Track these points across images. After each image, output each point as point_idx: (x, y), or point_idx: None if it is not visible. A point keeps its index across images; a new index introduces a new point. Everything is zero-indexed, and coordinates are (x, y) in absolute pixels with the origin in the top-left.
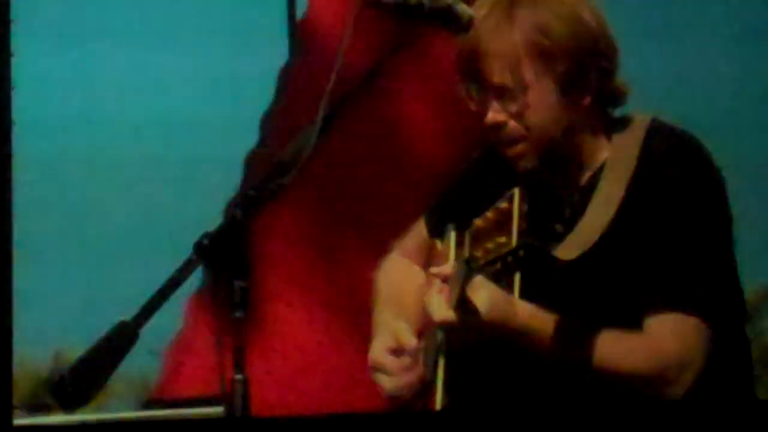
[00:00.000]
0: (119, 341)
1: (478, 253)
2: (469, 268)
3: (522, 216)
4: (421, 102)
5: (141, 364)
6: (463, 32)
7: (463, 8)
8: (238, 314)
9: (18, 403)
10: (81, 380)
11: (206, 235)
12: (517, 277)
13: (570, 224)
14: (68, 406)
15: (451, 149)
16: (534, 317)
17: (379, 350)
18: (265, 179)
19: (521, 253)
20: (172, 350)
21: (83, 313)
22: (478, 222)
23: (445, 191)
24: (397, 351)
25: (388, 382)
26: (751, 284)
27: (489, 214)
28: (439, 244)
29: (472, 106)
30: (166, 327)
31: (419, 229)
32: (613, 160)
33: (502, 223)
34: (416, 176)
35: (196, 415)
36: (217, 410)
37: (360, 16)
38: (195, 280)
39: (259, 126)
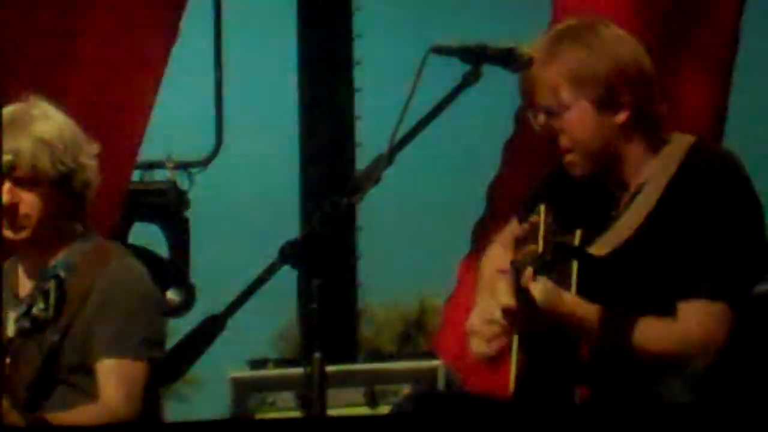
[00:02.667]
0: (209, 330)
1: (519, 257)
2: (516, 269)
3: (548, 227)
4: None
5: None
6: (526, 70)
7: (522, 49)
8: (314, 306)
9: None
10: (176, 360)
11: (289, 242)
12: (575, 272)
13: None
14: (164, 382)
15: None
16: (579, 306)
17: (475, 319)
18: (339, 198)
19: (548, 257)
20: (448, 306)
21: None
22: (518, 231)
23: (531, 191)
24: (490, 321)
25: (478, 345)
26: None
27: (525, 225)
28: None
29: (534, 126)
30: None
31: (516, 223)
32: (656, 171)
33: (533, 233)
34: None
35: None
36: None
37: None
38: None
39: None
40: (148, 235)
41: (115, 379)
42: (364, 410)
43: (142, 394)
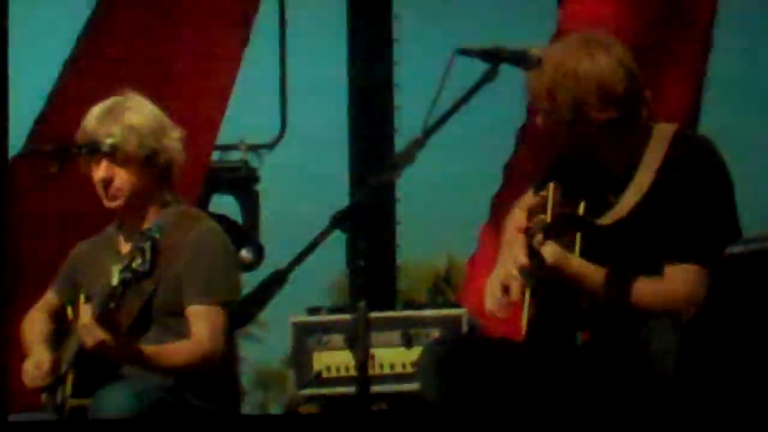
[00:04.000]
0: (273, 284)
1: (531, 225)
2: (529, 235)
3: (555, 201)
4: None
5: None
6: (535, 69)
7: (533, 52)
8: (361, 263)
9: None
10: (245, 310)
11: (338, 211)
12: (579, 239)
13: (618, 197)
14: (236, 326)
15: None
16: (582, 266)
17: (493, 280)
18: (380, 174)
19: (554, 226)
20: (469, 264)
21: None
22: (531, 201)
23: (544, 169)
24: (506, 289)
25: (490, 304)
26: None
27: (537, 198)
28: None
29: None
30: None
31: (531, 193)
32: (648, 155)
33: (543, 205)
34: None
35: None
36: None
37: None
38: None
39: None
40: (225, 204)
41: (202, 321)
42: (401, 350)
43: (225, 333)
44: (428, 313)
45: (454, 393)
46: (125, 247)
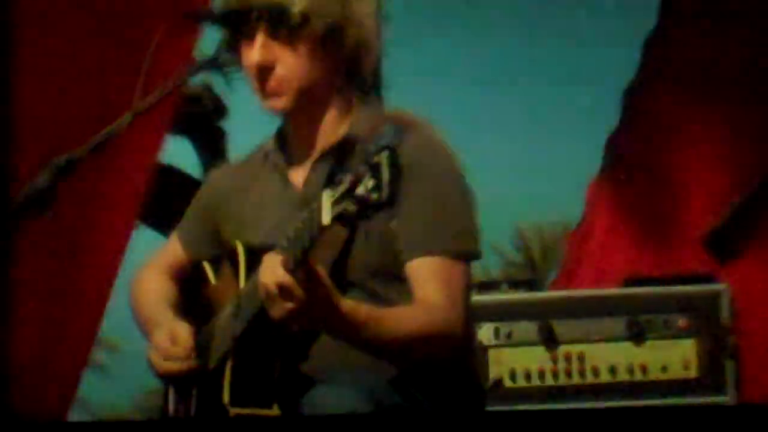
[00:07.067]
0: None
1: None
2: None
3: None
4: None
5: None
6: None
7: None
8: None
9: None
10: None
11: None
12: None
13: None
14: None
15: None
16: None
17: None
18: None
19: None
20: (576, 236)
21: None
22: None
23: None
24: None
25: None
26: None
27: None
28: None
29: None
30: None
31: None
32: None
33: None
34: None
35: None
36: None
37: None
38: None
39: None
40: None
41: (434, 280)
42: (625, 346)
43: (466, 298)
44: (667, 290)
45: None
46: (296, 174)
